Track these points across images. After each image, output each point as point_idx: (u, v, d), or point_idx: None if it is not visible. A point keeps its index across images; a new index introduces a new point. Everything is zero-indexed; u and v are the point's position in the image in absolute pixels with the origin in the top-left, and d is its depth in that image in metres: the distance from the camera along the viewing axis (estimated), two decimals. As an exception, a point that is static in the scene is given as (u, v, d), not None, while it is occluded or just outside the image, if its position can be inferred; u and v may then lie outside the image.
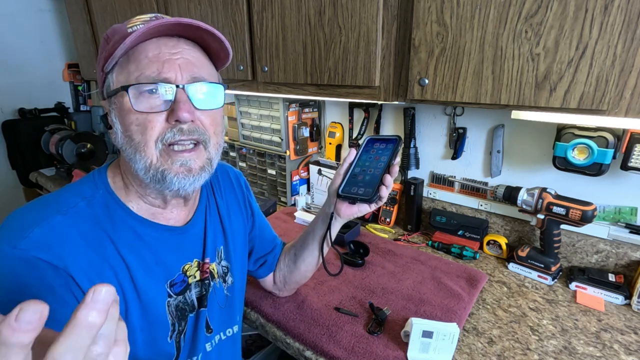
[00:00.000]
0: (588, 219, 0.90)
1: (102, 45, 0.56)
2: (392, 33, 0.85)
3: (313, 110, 1.49)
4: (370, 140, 0.75)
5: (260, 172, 1.59)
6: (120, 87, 0.52)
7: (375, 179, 0.67)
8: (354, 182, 0.70)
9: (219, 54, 0.59)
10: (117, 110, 0.54)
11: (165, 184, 0.54)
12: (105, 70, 0.54)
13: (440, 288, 0.94)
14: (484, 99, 0.75)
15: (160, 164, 0.53)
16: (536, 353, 0.75)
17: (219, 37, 0.55)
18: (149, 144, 0.52)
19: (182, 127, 0.52)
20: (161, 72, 0.51)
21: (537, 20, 0.65)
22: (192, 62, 0.54)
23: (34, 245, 0.48)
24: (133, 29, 0.51)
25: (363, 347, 0.75)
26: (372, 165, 0.70)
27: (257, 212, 0.84)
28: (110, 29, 0.56)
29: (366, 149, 0.73)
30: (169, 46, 0.53)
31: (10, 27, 2.10)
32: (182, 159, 0.54)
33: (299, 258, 0.81)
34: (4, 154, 2.16)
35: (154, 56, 0.52)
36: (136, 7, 1.49)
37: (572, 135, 0.90)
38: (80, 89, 2.31)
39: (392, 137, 0.72)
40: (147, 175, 0.54)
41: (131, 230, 0.58)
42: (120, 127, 0.54)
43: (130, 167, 0.55)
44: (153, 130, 0.52)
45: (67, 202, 0.54)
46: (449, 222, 1.20)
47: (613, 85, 0.62)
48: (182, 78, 0.53)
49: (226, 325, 0.74)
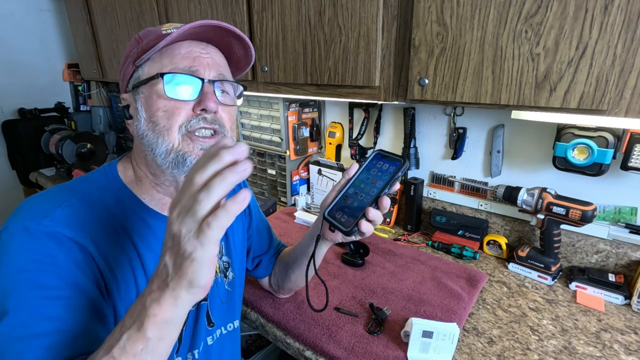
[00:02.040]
0: (588, 219, 0.90)
1: (131, 44, 0.60)
2: (392, 33, 0.85)
3: (313, 110, 1.49)
4: (377, 156, 0.64)
5: (260, 172, 1.59)
6: (156, 73, 0.55)
7: (361, 207, 0.59)
8: (342, 205, 0.62)
9: (239, 62, 0.65)
10: (145, 98, 0.57)
11: (185, 167, 0.57)
12: (137, 64, 0.58)
13: (440, 288, 0.94)
14: (484, 99, 0.75)
15: (181, 147, 0.56)
16: (536, 353, 0.75)
17: (246, 43, 0.61)
18: (174, 128, 0.55)
19: (207, 116, 0.57)
20: (192, 65, 0.56)
21: (537, 20, 0.65)
22: (218, 63, 0.60)
23: (58, 223, 0.51)
24: (167, 32, 0.56)
25: (363, 347, 0.75)
26: (366, 189, 0.61)
27: (254, 210, 0.85)
28: (143, 31, 0.61)
29: (369, 166, 0.64)
30: (200, 47, 0.58)
31: (10, 27, 2.10)
32: (203, 144, 0.57)
33: (290, 269, 0.81)
34: (4, 154, 2.15)
35: (186, 52, 0.57)
36: (136, 7, 1.49)
37: (572, 135, 0.90)
38: (80, 89, 2.30)
39: (398, 159, 0.62)
40: (166, 160, 0.56)
41: (142, 221, 0.60)
42: (145, 115, 0.57)
43: (147, 156, 0.58)
44: (180, 117, 0.55)
45: (83, 189, 0.57)
46: (449, 222, 1.20)
47: (613, 85, 0.62)
48: (210, 74, 0.58)
49: (227, 320, 0.75)
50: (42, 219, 0.50)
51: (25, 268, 0.47)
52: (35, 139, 2.03)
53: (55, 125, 2.07)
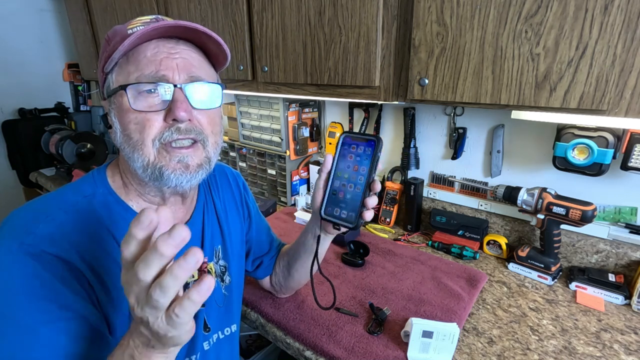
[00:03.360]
0: (588, 219, 0.90)
1: (103, 46, 0.57)
2: (392, 33, 0.85)
3: (313, 110, 1.49)
4: (346, 139, 0.64)
5: (260, 172, 1.59)
6: (118, 86, 0.52)
7: (357, 199, 0.60)
8: (335, 200, 0.63)
9: (217, 56, 0.60)
10: (117, 109, 0.54)
11: (163, 181, 0.54)
12: (105, 71, 0.55)
13: (440, 288, 0.94)
14: (484, 99, 0.75)
15: (157, 160, 0.53)
16: (536, 353, 0.75)
17: (216, 40, 0.55)
18: (147, 142, 0.52)
19: (180, 126, 0.53)
20: (159, 70, 0.52)
21: (537, 20, 0.65)
22: (190, 62, 0.54)
23: (41, 240, 0.49)
24: (133, 31, 0.52)
25: (363, 347, 0.75)
26: (351, 178, 0.62)
27: (254, 212, 0.84)
28: (111, 30, 0.57)
29: (343, 154, 0.63)
30: (167, 47, 0.53)
31: (10, 27, 2.10)
32: (180, 156, 0.54)
33: (292, 267, 0.81)
34: (4, 154, 2.16)
35: (152, 55, 0.52)
36: (136, 7, 1.49)
37: (572, 135, 0.90)
38: (80, 89, 2.31)
39: (370, 139, 0.61)
40: (145, 174, 0.54)
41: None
42: (119, 127, 0.54)
43: (129, 166, 0.56)
44: (151, 129, 0.52)
45: (68, 200, 0.55)
46: (449, 222, 1.20)
47: (613, 85, 0.62)
48: (180, 77, 0.53)
49: (224, 325, 0.74)
50: (25, 237, 0.48)
51: (13, 291, 0.46)
52: (35, 139, 2.03)
53: (55, 125, 2.07)
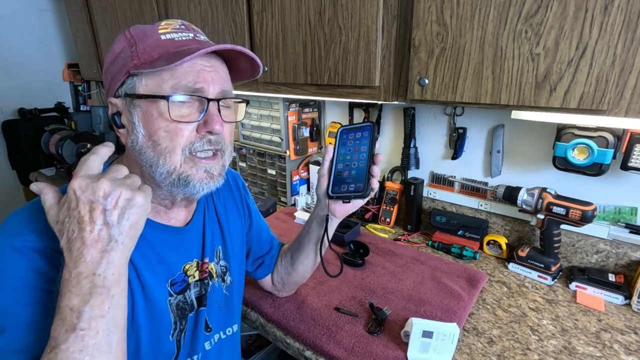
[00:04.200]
0: (588, 219, 0.90)
1: (120, 41, 0.56)
2: (392, 33, 0.85)
3: (313, 110, 1.49)
4: (343, 132, 0.72)
5: (260, 172, 1.59)
6: (159, 94, 0.53)
7: (362, 172, 0.67)
8: (341, 179, 0.69)
9: (241, 72, 0.63)
10: (143, 113, 0.54)
11: (187, 189, 0.56)
12: (131, 72, 0.54)
13: (440, 288, 0.94)
14: (484, 99, 0.75)
15: (183, 170, 0.55)
16: (536, 353, 0.75)
17: (257, 63, 0.59)
18: (177, 150, 0.54)
19: (211, 138, 0.56)
20: (197, 82, 0.54)
21: (537, 20, 0.65)
22: (222, 77, 0.57)
23: (44, 237, 0.49)
24: (167, 37, 0.55)
25: (363, 347, 0.75)
26: (354, 157, 0.69)
27: (254, 213, 0.85)
28: (135, 29, 0.56)
29: (342, 142, 0.71)
30: (203, 59, 0.55)
31: (10, 27, 2.10)
32: (206, 166, 0.57)
33: (296, 261, 0.81)
34: (4, 154, 2.15)
35: (189, 66, 0.53)
36: (136, 7, 1.49)
37: (572, 135, 0.90)
38: (80, 89, 2.31)
39: (365, 125, 0.70)
40: (167, 180, 0.55)
41: None
42: (143, 131, 0.54)
43: (144, 169, 0.56)
44: (183, 138, 0.54)
45: None
46: (449, 222, 1.20)
47: (613, 85, 0.62)
48: (214, 90, 0.56)
49: (225, 325, 0.74)
50: (28, 235, 0.48)
51: (17, 285, 0.46)
52: (35, 139, 2.03)
53: (55, 125, 2.07)
